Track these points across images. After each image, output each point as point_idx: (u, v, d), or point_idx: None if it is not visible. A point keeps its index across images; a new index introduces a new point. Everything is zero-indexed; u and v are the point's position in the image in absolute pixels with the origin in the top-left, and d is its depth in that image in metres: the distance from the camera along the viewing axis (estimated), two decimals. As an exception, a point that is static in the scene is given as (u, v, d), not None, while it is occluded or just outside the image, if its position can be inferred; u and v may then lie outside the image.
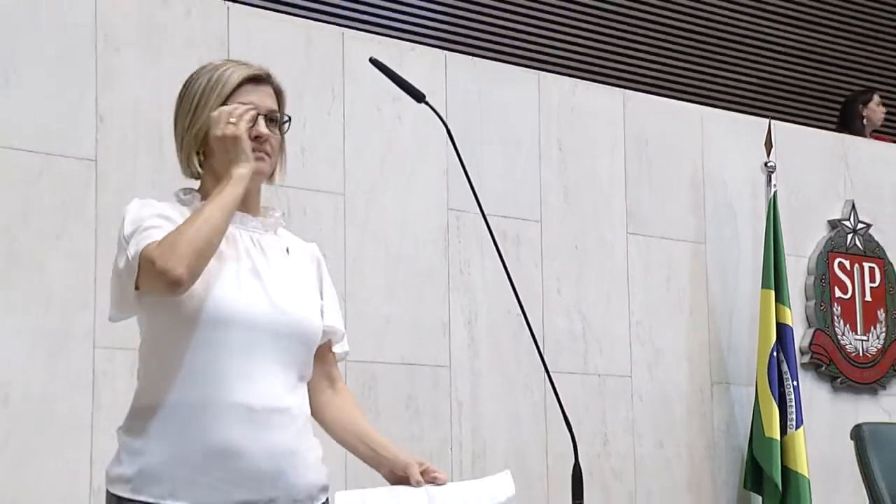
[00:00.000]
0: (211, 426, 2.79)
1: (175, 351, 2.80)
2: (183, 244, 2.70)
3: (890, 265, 7.78)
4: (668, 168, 6.91)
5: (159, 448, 2.76)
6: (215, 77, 2.95)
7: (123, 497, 2.74)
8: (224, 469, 2.79)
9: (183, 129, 2.94)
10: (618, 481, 6.42)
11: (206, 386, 2.81)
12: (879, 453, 6.55)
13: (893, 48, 11.75)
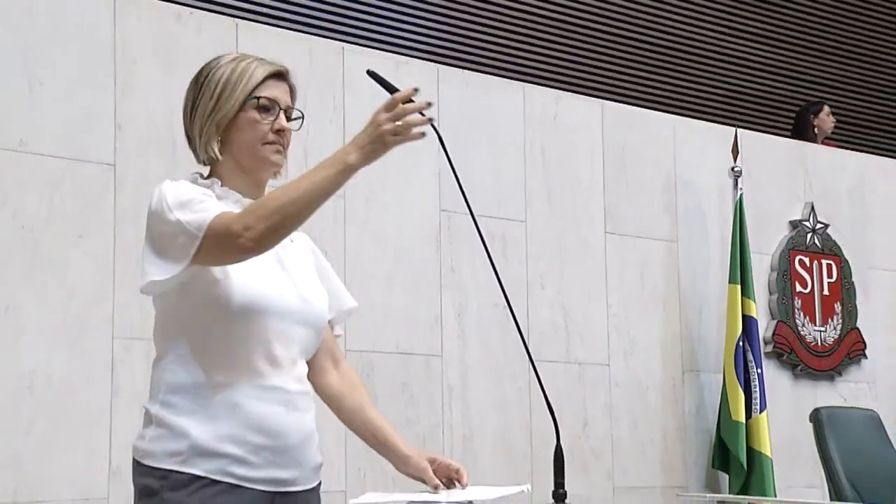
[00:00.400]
0: (256, 407, 2.77)
1: (211, 335, 2.76)
2: (263, 215, 2.63)
3: (845, 262, 7.79)
4: (643, 173, 6.90)
5: (207, 426, 2.71)
6: (239, 69, 2.88)
7: (173, 470, 2.67)
8: (267, 448, 2.77)
9: (204, 115, 2.85)
10: (597, 461, 6.41)
11: (247, 370, 2.78)
12: (836, 435, 6.58)
13: (843, 63, 11.77)
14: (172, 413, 2.73)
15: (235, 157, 2.87)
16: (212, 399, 2.74)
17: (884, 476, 6.64)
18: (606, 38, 10.03)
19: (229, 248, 2.65)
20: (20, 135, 4.81)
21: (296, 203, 2.64)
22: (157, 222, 2.72)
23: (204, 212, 2.67)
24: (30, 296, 4.75)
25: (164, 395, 2.75)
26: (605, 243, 6.67)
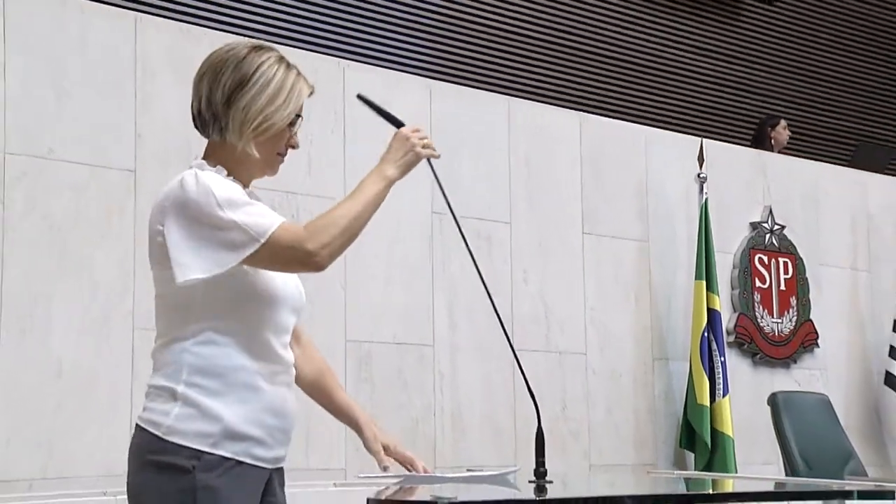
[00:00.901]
0: (271, 391, 2.73)
1: (236, 321, 2.69)
2: (333, 236, 2.65)
3: (800, 260, 7.80)
4: (618, 179, 6.89)
5: (237, 410, 2.65)
6: (290, 81, 2.82)
7: (204, 451, 2.60)
8: (279, 429, 2.75)
9: (250, 109, 2.74)
10: (574, 441, 6.41)
11: (265, 354, 2.73)
12: (790, 417, 6.62)
13: (798, 81, 11.79)
14: (202, 394, 2.63)
15: (251, 153, 2.76)
16: (238, 382, 2.67)
17: (833, 453, 6.68)
18: (585, 56, 10.05)
19: (297, 263, 2.66)
20: (49, 143, 4.80)
21: (358, 220, 2.71)
22: (205, 216, 2.61)
23: (262, 216, 2.63)
24: (58, 291, 4.74)
25: (189, 375, 2.64)
26: (583, 243, 6.66)
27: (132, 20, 5.14)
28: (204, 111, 2.79)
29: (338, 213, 2.68)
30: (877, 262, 8.24)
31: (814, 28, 11.94)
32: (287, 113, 2.80)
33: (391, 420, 5.63)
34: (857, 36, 12.36)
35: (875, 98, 12.50)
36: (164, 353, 2.71)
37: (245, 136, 2.76)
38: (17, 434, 4.57)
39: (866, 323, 8.12)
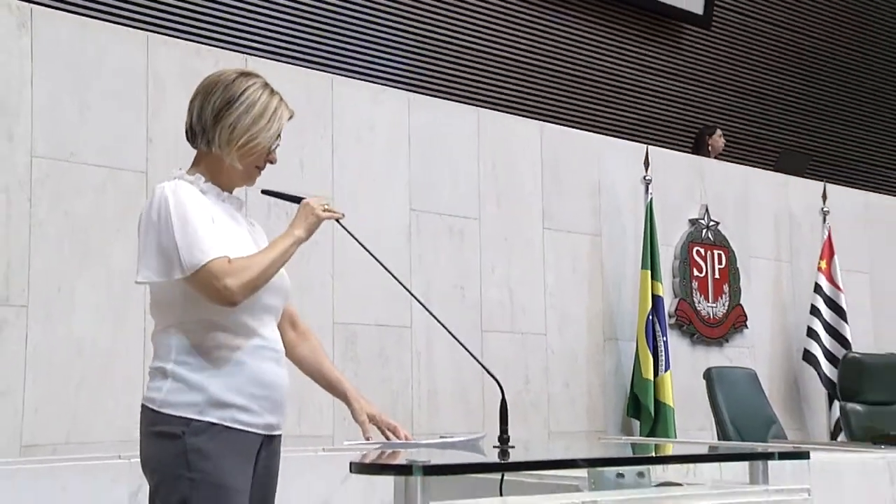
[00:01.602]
0: (258, 365, 2.76)
1: (221, 311, 2.71)
2: (248, 279, 2.70)
3: (732, 252, 7.81)
4: (574, 180, 6.89)
5: (218, 381, 2.69)
6: (273, 106, 2.88)
7: (192, 418, 2.64)
8: (265, 399, 2.77)
9: (235, 127, 2.80)
10: (535, 412, 6.41)
11: (249, 334, 2.77)
12: (723, 389, 6.66)
13: (733, 94, 11.81)
14: (189, 370, 2.69)
15: (233, 165, 2.84)
16: (220, 358, 2.72)
17: (759, 420, 6.73)
18: (546, 73, 10.05)
19: (213, 296, 2.68)
20: (71, 148, 4.78)
21: (271, 269, 2.77)
22: (163, 228, 2.70)
23: (200, 248, 2.68)
24: (80, 279, 4.72)
25: (177, 355, 2.71)
26: (543, 237, 6.66)
27: (144, 39, 5.13)
28: (195, 125, 2.86)
29: (256, 261, 2.75)
30: (797, 254, 8.27)
31: (745, 50, 11.98)
32: (271, 134, 2.88)
33: (374, 393, 5.60)
34: (781, 57, 12.42)
35: (796, 111, 12.57)
36: (158, 338, 2.78)
37: (232, 151, 2.82)
38: (44, 405, 4.56)
39: (788, 307, 8.16)
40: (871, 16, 13.39)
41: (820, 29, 12.79)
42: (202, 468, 2.63)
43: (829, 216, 8.30)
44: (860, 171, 12.78)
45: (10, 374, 4.50)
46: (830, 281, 8.09)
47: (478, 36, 9.65)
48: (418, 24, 9.23)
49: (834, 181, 8.92)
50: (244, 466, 2.72)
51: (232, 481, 2.67)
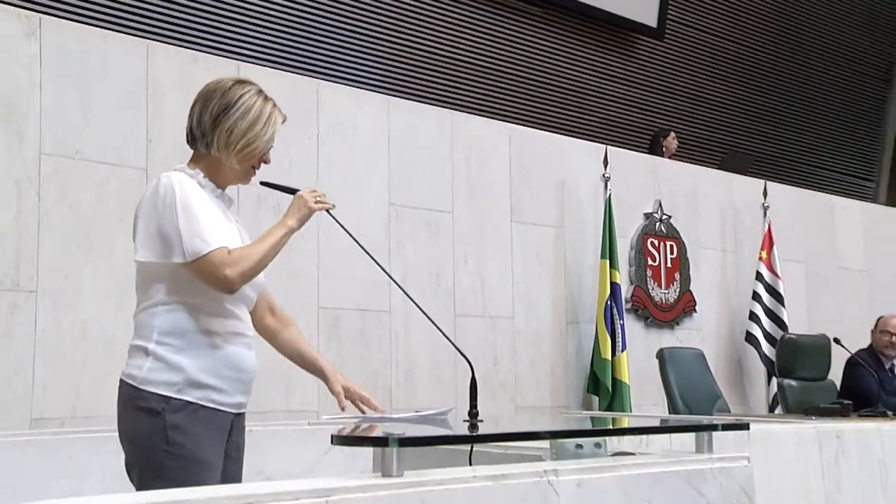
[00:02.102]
0: (231, 350, 2.77)
1: (201, 294, 2.71)
2: (246, 268, 2.71)
3: (683, 243, 7.83)
4: (540, 177, 6.90)
5: (195, 363, 2.68)
6: (268, 111, 2.88)
7: (171, 396, 2.64)
8: (237, 380, 2.78)
9: (233, 132, 2.81)
10: (503, 389, 6.42)
11: (226, 321, 2.77)
12: (674, 367, 6.72)
13: (686, 101, 11.85)
14: (169, 351, 2.68)
15: (230, 165, 2.84)
16: (198, 342, 2.72)
17: (706, 396, 6.79)
18: (515, 79, 10.06)
19: (213, 284, 2.70)
20: (77, 146, 4.76)
21: (266, 258, 2.77)
22: (166, 213, 2.69)
23: (201, 237, 2.68)
24: (84, 267, 4.71)
25: (159, 336, 2.69)
26: (511, 230, 6.66)
27: (144, 47, 5.11)
28: (195, 129, 2.86)
29: (253, 251, 2.75)
30: (740, 245, 8.31)
31: (695, 61, 12.03)
32: (266, 139, 2.88)
33: (355, 372, 5.60)
34: (728, 68, 12.47)
35: (740, 116, 12.64)
36: (140, 317, 2.76)
37: (231, 154, 2.83)
38: (53, 382, 4.55)
39: (732, 293, 8.19)
40: (806, 32, 13.50)
41: (762, 43, 12.87)
42: (179, 442, 2.63)
43: (769, 211, 8.34)
44: (796, 170, 12.87)
45: (20, 354, 4.49)
46: (770, 269, 8.13)
47: (452, 45, 9.67)
48: (397, 33, 9.23)
49: (773, 179, 8.96)
50: (217, 442, 2.74)
51: (204, 455, 2.67)
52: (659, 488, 2.72)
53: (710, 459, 2.90)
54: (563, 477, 2.49)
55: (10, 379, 4.45)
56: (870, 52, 14.25)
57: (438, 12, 9.58)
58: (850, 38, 13.94)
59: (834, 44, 13.77)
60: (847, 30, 13.90)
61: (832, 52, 13.79)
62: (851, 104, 14.08)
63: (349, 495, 2.05)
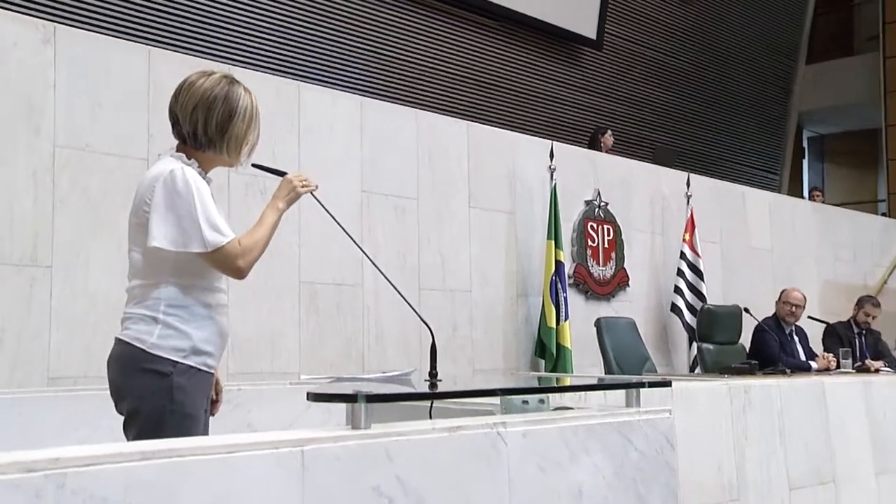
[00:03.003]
0: (220, 321, 2.75)
1: (199, 273, 2.69)
2: (255, 256, 2.70)
3: (618, 227, 7.85)
4: (494, 168, 6.89)
5: (197, 332, 2.67)
6: (256, 108, 2.85)
7: (178, 361, 2.62)
8: (221, 347, 2.78)
9: (239, 134, 2.78)
10: (462, 353, 6.43)
11: (216, 294, 2.75)
12: (609, 334, 6.75)
13: (619, 102, 11.88)
14: (177, 321, 2.65)
15: (220, 157, 2.80)
16: (198, 314, 2.70)
17: (636, 358, 6.83)
18: (473, 81, 10.05)
19: (228, 271, 2.69)
20: (87, 140, 4.71)
21: (265, 243, 2.75)
22: (183, 206, 2.62)
23: (219, 230, 2.64)
24: (94, 246, 4.66)
25: (166, 307, 2.66)
26: (469, 214, 6.65)
27: (146, 52, 5.05)
28: (200, 135, 2.76)
29: (257, 240, 2.72)
30: (667, 228, 8.35)
31: (629, 69, 12.08)
32: (258, 133, 2.86)
33: (332, 340, 5.61)
34: (657, 75, 12.53)
35: (668, 117, 12.71)
36: (146, 290, 2.70)
37: (229, 150, 2.79)
38: (67, 345, 4.52)
39: (659, 270, 8.24)
40: (721, 47, 13.62)
41: (686, 55, 12.96)
42: (181, 401, 2.62)
43: (691, 199, 8.39)
44: (714, 164, 13.00)
45: (38, 321, 4.46)
46: (692, 249, 8.18)
47: (419, 53, 9.66)
48: (371, 43, 9.21)
49: (695, 172, 9.02)
50: (205, 400, 2.74)
51: (197, 412, 2.67)
52: (593, 437, 2.74)
53: (638, 412, 2.93)
54: (511, 428, 2.51)
55: (30, 343, 4.42)
56: (773, 66, 14.46)
57: (407, 24, 9.56)
58: (757, 54, 14.13)
59: (744, 58, 13.94)
60: (755, 47, 14.09)
61: (744, 65, 13.96)
62: (759, 109, 14.27)
63: (322, 445, 2.06)
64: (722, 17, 13.47)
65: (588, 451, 2.72)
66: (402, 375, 3.12)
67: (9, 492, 1.60)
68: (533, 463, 2.55)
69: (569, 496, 2.64)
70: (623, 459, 2.82)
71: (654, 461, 2.90)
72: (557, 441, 2.64)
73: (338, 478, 2.07)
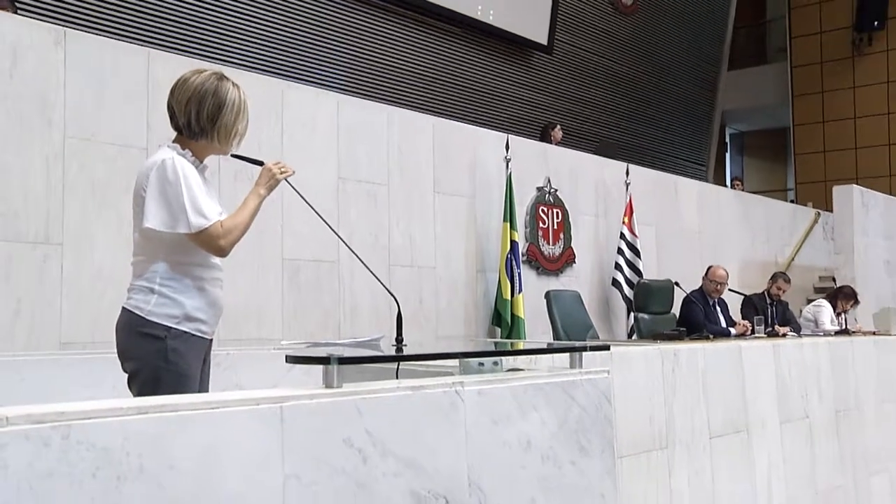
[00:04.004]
0: (213, 291, 2.75)
1: (192, 250, 2.68)
2: (236, 236, 2.69)
3: (566, 210, 7.88)
4: (456, 158, 6.89)
5: (191, 302, 2.66)
6: (242, 101, 2.81)
7: (172, 327, 2.63)
8: (215, 315, 2.77)
9: (228, 124, 2.75)
10: (427, 322, 6.44)
11: (209, 269, 2.74)
12: (558, 305, 6.78)
13: (566, 102, 11.90)
14: (171, 291, 2.66)
15: (212, 145, 2.79)
16: (192, 285, 2.70)
17: (581, 326, 6.87)
18: (438, 82, 10.03)
19: (212, 250, 2.68)
20: (93, 131, 4.67)
21: (248, 226, 2.74)
22: (172, 192, 2.63)
23: (203, 213, 2.63)
24: (99, 224, 4.62)
25: (161, 279, 2.67)
26: (434, 199, 6.65)
27: (146, 53, 5.01)
28: (194, 126, 2.76)
29: (238, 222, 2.71)
30: (609, 212, 8.40)
31: (575, 70, 12.09)
32: (245, 122, 2.84)
33: (312, 310, 5.60)
34: (601, 76, 12.55)
35: (610, 114, 12.74)
36: (145, 265, 2.72)
37: (220, 139, 2.78)
38: (76, 312, 4.50)
39: (602, 249, 8.28)
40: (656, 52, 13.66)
41: (626, 59, 12.99)
42: (175, 362, 2.62)
43: (630, 186, 8.43)
44: (650, 156, 13.06)
45: (51, 292, 4.44)
46: (630, 230, 8.23)
47: (391, 56, 9.62)
48: (348, 45, 9.16)
49: (633, 163, 9.06)
50: (199, 362, 2.73)
51: (191, 372, 2.67)
52: (541, 395, 2.76)
53: (580, 373, 2.95)
54: (468, 387, 2.52)
55: (44, 312, 4.39)
56: (700, 72, 14.60)
57: (381, 30, 9.52)
58: (687, 61, 14.24)
59: (676, 64, 14.04)
60: (685, 55, 14.20)
61: (675, 70, 14.05)
62: (688, 108, 14.39)
63: (299, 402, 2.06)
64: (657, 29, 13.55)
65: (536, 406, 2.73)
66: (372, 341, 3.12)
67: (20, 441, 1.63)
68: (487, 417, 2.56)
69: (518, 446, 2.66)
70: (567, 414, 2.83)
71: (593, 415, 2.92)
72: (509, 398, 2.65)
73: (313, 431, 2.08)
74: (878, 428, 6.25)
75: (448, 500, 2.37)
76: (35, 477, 1.63)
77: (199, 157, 2.81)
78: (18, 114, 4.41)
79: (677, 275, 7.91)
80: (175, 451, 1.82)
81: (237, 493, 1.91)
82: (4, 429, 1.60)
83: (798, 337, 6.45)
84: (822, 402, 5.57)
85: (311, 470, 2.05)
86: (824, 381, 5.65)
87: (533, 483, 2.67)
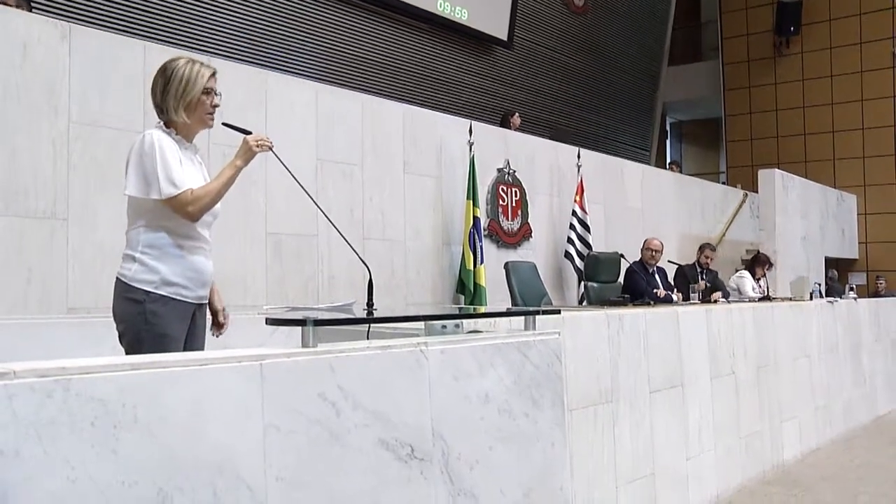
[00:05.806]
0: (193, 258, 2.72)
1: (172, 217, 2.66)
2: (205, 203, 2.65)
3: (524, 189, 7.89)
4: (424, 142, 6.87)
5: (169, 267, 2.64)
6: (195, 70, 2.77)
7: (150, 291, 2.61)
8: (197, 280, 2.74)
9: (176, 96, 2.72)
10: (398, 290, 6.45)
11: (191, 238, 2.71)
12: (516, 275, 6.80)
13: (526, 91, 11.89)
14: (149, 258, 2.65)
15: (189, 118, 2.77)
16: (170, 252, 2.68)
17: (536, 294, 6.92)
18: (407, 73, 9.97)
19: (182, 215, 2.64)
20: (95, 116, 4.62)
21: (219, 194, 2.70)
22: (147, 162, 2.63)
23: (174, 181, 2.60)
24: (102, 201, 4.59)
25: (142, 247, 2.66)
26: (404, 179, 6.63)
27: (143, 45, 4.95)
28: (159, 105, 2.79)
29: (209, 189, 2.68)
30: (562, 192, 8.43)
31: (532, 63, 12.07)
32: (197, 89, 2.76)
33: (294, 280, 5.58)
34: (555, 69, 12.54)
35: (564, 103, 12.74)
36: (131, 234, 2.72)
37: (179, 112, 2.74)
38: (81, 282, 4.47)
39: (556, 224, 8.32)
40: (605, 47, 13.66)
41: (578, 54, 12.98)
42: (154, 323, 2.62)
43: (581, 168, 8.46)
44: (599, 142, 13.10)
45: (58, 263, 4.41)
46: (581, 208, 8.26)
47: (365, 48, 9.54)
48: (325, 38, 9.08)
49: (584, 147, 9.08)
50: (181, 323, 2.71)
51: (171, 332, 2.65)
52: (498, 354, 2.78)
53: (534, 334, 2.97)
54: (432, 347, 2.53)
55: (52, 280, 4.38)
56: (644, 66, 14.67)
57: (356, 25, 9.44)
58: (632, 57, 14.29)
59: (623, 59, 14.07)
60: (630, 51, 14.25)
61: (622, 64, 14.08)
62: (633, 99, 14.45)
63: (277, 360, 2.06)
64: (606, 28, 13.57)
65: (493, 364, 2.76)
66: (345, 305, 3.12)
67: (26, 392, 1.64)
68: (449, 374, 2.58)
69: (478, 400, 2.68)
70: (521, 371, 2.86)
71: (545, 372, 2.95)
72: (468, 357, 2.68)
73: (290, 386, 2.09)
74: (791, 381, 6.38)
75: (413, 448, 2.40)
76: (40, 424, 1.65)
77: (184, 134, 2.80)
78: (28, 101, 4.37)
79: (623, 248, 7.97)
80: (166, 404, 1.83)
81: (222, 440, 1.93)
82: (13, 381, 1.62)
83: (727, 303, 6.54)
84: (747, 360, 5.67)
85: (288, 421, 2.07)
86: (749, 341, 5.75)
87: (491, 433, 2.70)
